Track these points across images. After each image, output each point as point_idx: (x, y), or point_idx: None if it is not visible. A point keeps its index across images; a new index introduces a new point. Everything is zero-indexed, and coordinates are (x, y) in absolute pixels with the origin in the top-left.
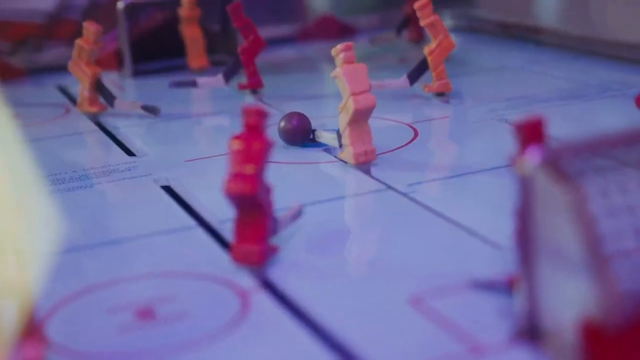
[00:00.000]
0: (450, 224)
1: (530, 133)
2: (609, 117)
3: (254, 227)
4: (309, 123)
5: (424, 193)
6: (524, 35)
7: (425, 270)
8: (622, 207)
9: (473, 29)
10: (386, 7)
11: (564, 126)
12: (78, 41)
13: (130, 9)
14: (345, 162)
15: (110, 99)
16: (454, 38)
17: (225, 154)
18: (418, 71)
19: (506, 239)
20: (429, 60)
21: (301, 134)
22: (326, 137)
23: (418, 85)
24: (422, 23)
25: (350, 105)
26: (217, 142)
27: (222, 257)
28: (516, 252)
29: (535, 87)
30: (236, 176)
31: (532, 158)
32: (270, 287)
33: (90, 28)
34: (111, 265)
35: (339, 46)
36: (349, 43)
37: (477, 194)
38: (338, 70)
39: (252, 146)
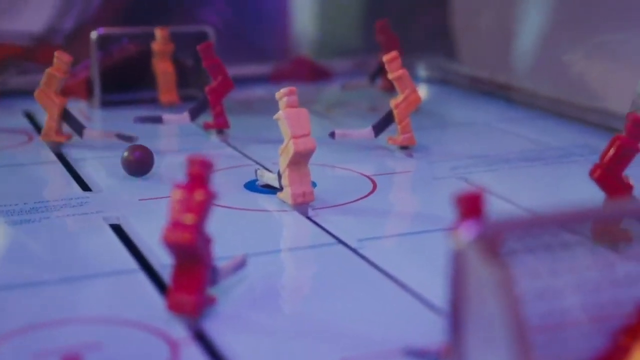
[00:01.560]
0: (396, 285)
1: (469, 207)
2: (566, 183)
3: (190, 276)
4: (152, 158)
5: (373, 249)
6: (496, 91)
7: (362, 332)
8: (551, 287)
9: (447, 81)
10: (363, 53)
11: (519, 189)
12: (49, 70)
13: (103, 39)
14: (284, 202)
15: (79, 128)
16: (427, 89)
17: None
18: (383, 123)
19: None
20: (395, 113)
21: (140, 167)
22: (268, 176)
23: (383, 137)
24: (390, 76)
25: (290, 148)
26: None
27: (158, 305)
28: (448, 322)
29: (500, 145)
30: (175, 225)
31: (467, 233)
32: (202, 339)
33: (62, 58)
34: (43, 306)
35: (283, 90)
36: (293, 88)
37: (428, 255)
38: (280, 113)
39: (194, 196)
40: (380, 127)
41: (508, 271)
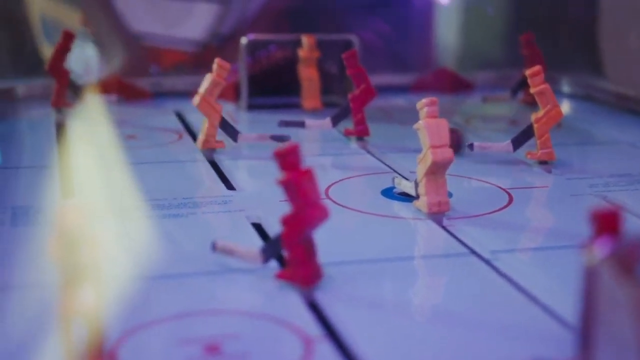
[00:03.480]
0: (527, 298)
1: (605, 223)
2: None
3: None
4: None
5: (506, 262)
6: None
7: (491, 342)
8: None
9: (591, 98)
10: (506, 66)
11: None
12: (214, 77)
13: (252, 45)
14: (420, 210)
15: (233, 133)
16: (570, 105)
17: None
18: (523, 137)
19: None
20: (535, 127)
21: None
22: (405, 185)
23: (521, 151)
24: (532, 90)
25: (428, 157)
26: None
27: (294, 301)
28: (578, 337)
29: None
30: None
31: (601, 250)
32: (336, 337)
33: (224, 66)
34: (189, 297)
35: (424, 100)
36: (434, 98)
37: (562, 270)
38: (420, 123)
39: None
40: (519, 141)
41: None
